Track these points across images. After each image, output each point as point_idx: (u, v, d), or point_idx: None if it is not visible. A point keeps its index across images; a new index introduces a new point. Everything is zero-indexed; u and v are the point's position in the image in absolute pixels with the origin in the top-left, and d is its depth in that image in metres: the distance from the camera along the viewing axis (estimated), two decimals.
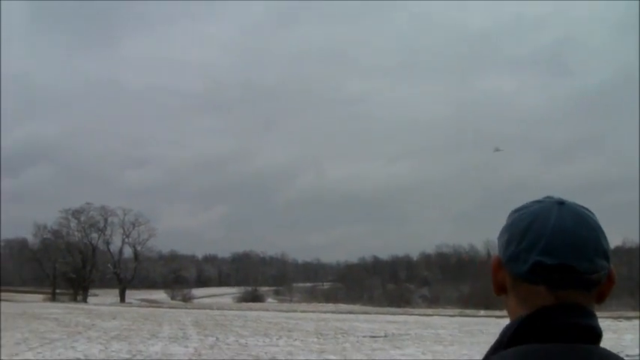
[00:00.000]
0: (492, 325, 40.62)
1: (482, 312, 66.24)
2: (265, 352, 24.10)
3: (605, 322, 43.34)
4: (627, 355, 24.09)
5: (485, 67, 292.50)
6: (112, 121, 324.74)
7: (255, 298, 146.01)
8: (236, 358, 22.39)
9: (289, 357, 22.73)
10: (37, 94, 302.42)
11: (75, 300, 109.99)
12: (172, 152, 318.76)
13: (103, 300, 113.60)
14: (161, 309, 73.63)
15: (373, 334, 33.82)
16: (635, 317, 51.67)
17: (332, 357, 22.81)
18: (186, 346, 26.20)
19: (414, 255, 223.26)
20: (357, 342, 29.41)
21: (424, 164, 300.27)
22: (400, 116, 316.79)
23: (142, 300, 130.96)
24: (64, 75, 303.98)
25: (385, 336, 33.02)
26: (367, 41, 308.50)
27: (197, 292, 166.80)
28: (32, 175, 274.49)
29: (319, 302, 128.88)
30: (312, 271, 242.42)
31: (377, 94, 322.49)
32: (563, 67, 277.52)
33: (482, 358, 1.69)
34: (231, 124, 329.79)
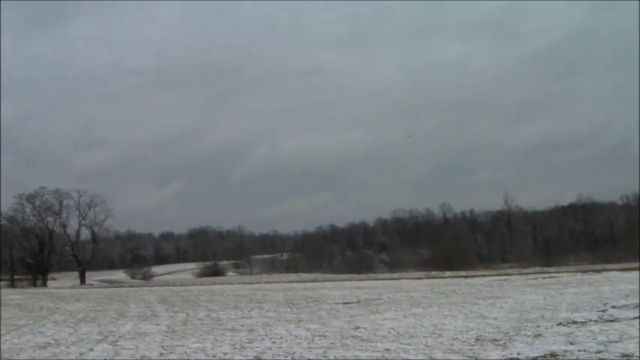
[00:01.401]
0: (463, 285, 40.42)
1: (447, 273, 66.08)
2: (241, 325, 23.42)
3: (575, 276, 43.29)
4: (614, 307, 23.78)
5: (435, 34, 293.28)
6: (64, 104, 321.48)
7: (215, 272, 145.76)
8: (213, 332, 21.66)
9: (267, 328, 22.04)
10: None
11: (34, 285, 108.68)
12: (125, 132, 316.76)
13: (62, 283, 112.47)
14: (123, 288, 72.78)
15: (345, 301, 33.34)
16: (595, 270, 51.82)
17: (312, 325, 22.16)
18: (157, 324, 25.45)
19: (371, 221, 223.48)
20: (332, 309, 28.84)
21: (379, 131, 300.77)
22: (353, 86, 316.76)
23: (103, 281, 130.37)
24: (13, 57, 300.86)
25: (358, 302, 32.53)
26: (316, 13, 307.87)
27: (156, 269, 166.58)
28: None
29: (280, 273, 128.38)
30: (270, 242, 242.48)
31: (329, 65, 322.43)
32: (514, 31, 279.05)
33: None
34: (183, 101, 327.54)
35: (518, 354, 14.29)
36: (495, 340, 16.54)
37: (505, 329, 18.54)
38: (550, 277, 46.32)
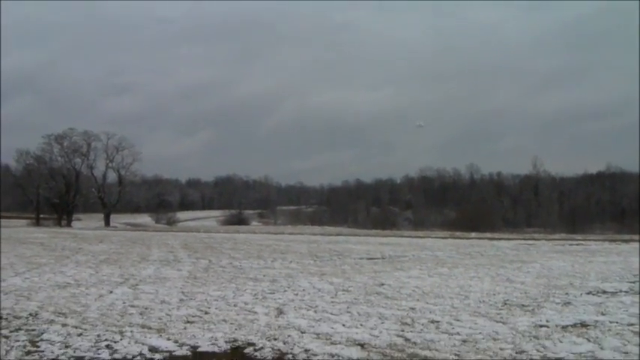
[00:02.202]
0: (489, 248, 39.92)
1: (473, 234, 65.49)
2: (263, 275, 23.11)
3: (603, 245, 42.68)
4: None
5: None
6: (93, 50, 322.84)
7: (240, 220, 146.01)
8: (235, 280, 21.36)
9: (289, 279, 21.70)
10: (15, 25, 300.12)
11: (59, 225, 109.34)
12: (153, 80, 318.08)
13: (87, 224, 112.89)
14: (147, 232, 72.78)
15: (370, 256, 32.97)
16: (622, 240, 51.08)
17: (335, 279, 21.79)
18: (179, 269, 25.24)
19: (397, 178, 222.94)
20: (356, 264, 28.47)
21: (406, 92, 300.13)
22: (382, 45, 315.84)
23: (127, 224, 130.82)
24: (42, 4, 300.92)
25: (383, 258, 32.15)
26: None
27: (181, 215, 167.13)
28: (14, 105, 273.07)
29: (304, 225, 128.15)
30: (296, 194, 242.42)
31: (359, 23, 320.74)
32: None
33: None
34: (213, 53, 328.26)
35: (547, 321, 13.82)
36: (523, 305, 16.07)
37: (533, 295, 18.06)
38: (577, 245, 45.65)
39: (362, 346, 11.35)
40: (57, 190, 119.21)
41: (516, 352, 10.93)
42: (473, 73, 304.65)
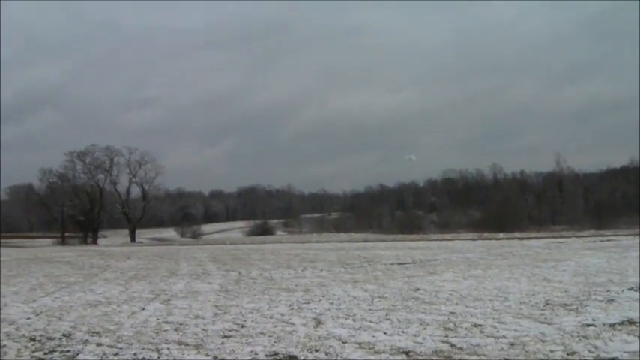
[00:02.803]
0: (519, 247, 39.56)
1: (501, 234, 65.04)
2: (295, 285, 22.81)
3: (635, 240, 42.19)
4: None
5: None
6: (113, 64, 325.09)
7: (265, 231, 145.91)
8: (268, 291, 21.06)
9: (323, 288, 21.39)
10: (36, 40, 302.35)
11: (85, 242, 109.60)
12: (175, 92, 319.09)
13: (113, 241, 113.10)
14: (173, 246, 72.82)
15: (400, 261, 32.64)
16: None
17: (369, 286, 21.46)
18: (210, 282, 24.97)
19: (420, 181, 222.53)
20: (387, 270, 28.13)
21: (427, 92, 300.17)
22: (401, 46, 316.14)
23: (153, 239, 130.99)
24: (62, 19, 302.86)
25: (414, 262, 31.81)
26: None
27: (206, 228, 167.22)
28: (36, 122, 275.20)
29: (329, 232, 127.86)
30: (319, 202, 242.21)
31: (377, 25, 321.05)
32: None
33: None
34: (231, 61, 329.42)
35: (593, 320, 13.47)
36: (566, 304, 15.71)
37: (574, 293, 17.69)
38: (608, 240, 45.22)
39: (407, 353, 11.02)
40: (81, 208, 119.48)
41: (567, 354, 10.58)
42: (493, 71, 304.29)
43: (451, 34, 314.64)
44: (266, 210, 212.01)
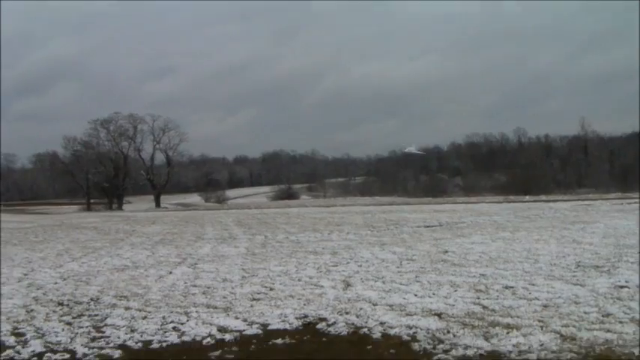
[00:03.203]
0: (546, 210, 39.31)
1: (527, 197, 64.65)
2: (323, 248, 22.69)
3: None
4: None
5: None
6: (135, 35, 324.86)
7: (289, 195, 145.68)
8: (295, 255, 20.94)
9: (350, 251, 21.25)
10: (58, 13, 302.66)
11: (110, 208, 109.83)
12: (196, 61, 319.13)
13: (138, 207, 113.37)
14: (198, 211, 73.00)
15: (427, 224, 32.49)
16: None
17: (397, 248, 21.32)
18: (236, 246, 24.90)
19: (444, 146, 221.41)
20: (414, 232, 27.99)
21: (449, 60, 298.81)
22: (421, 14, 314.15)
23: (177, 204, 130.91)
24: None
25: (440, 225, 31.65)
26: None
27: (230, 193, 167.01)
28: (59, 93, 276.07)
29: (354, 196, 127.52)
30: (343, 166, 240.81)
31: None
32: None
33: None
34: (254, 30, 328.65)
35: (626, 282, 13.26)
36: (597, 266, 15.50)
37: (605, 255, 17.47)
38: (635, 203, 44.81)
39: (439, 315, 10.86)
40: (106, 175, 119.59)
41: (602, 316, 10.39)
42: (517, 36, 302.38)
43: (471, 2, 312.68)
44: (290, 175, 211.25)
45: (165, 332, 10.75)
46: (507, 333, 9.51)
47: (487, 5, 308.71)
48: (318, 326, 10.67)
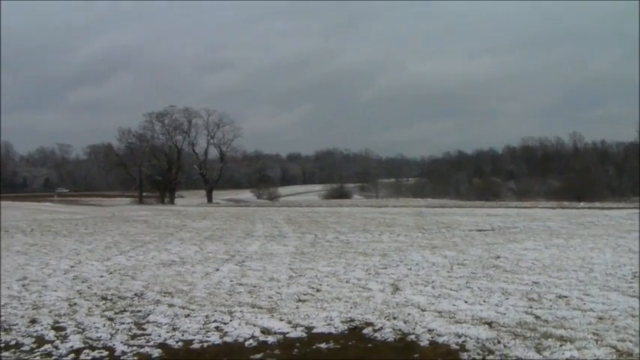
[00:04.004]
0: (601, 217, 38.58)
1: (581, 204, 63.74)
2: (372, 249, 22.40)
3: None
4: None
5: None
6: (192, 28, 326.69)
7: (341, 194, 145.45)
8: (344, 255, 20.67)
9: (400, 253, 20.93)
10: (115, 5, 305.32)
11: (162, 202, 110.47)
12: (253, 55, 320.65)
13: (189, 201, 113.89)
14: (249, 208, 72.86)
15: (479, 228, 32.02)
16: None
17: (448, 252, 20.95)
18: (285, 245, 24.71)
19: (499, 149, 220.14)
20: (466, 236, 27.57)
21: (506, 60, 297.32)
22: (482, 12, 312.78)
23: (229, 200, 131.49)
24: None
25: (493, 229, 31.17)
26: None
27: (282, 190, 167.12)
28: (115, 84, 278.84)
29: (406, 197, 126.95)
30: (396, 166, 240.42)
31: None
32: None
33: None
34: (311, 26, 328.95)
35: None
36: None
37: None
38: None
39: (489, 324, 10.52)
40: (159, 168, 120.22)
41: None
42: (575, 38, 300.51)
43: (528, 1, 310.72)
44: (343, 173, 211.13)
45: (208, 332, 10.53)
46: (560, 345, 9.15)
47: (545, 6, 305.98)
48: (365, 331, 10.39)
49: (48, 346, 9.84)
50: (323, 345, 9.68)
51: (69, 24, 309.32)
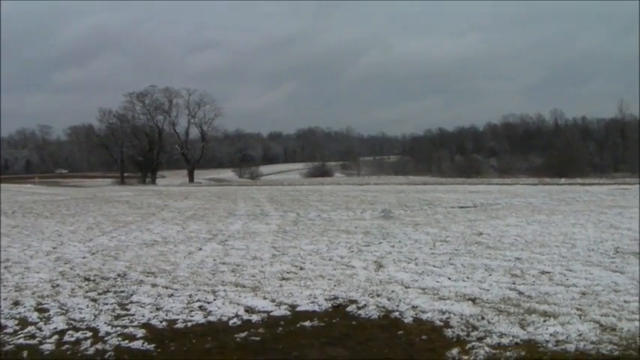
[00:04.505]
0: (582, 193, 38.76)
1: (562, 180, 63.99)
2: (355, 227, 22.41)
3: None
4: None
5: None
6: (176, 8, 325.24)
7: (323, 172, 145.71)
8: (326, 233, 20.67)
9: (383, 231, 20.95)
10: None
11: (143, 182, 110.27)
12: (237, 36, 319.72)
13: (171, 181, 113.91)
14: (231, 187, 72.86)
15: (461, 205, 32.10)
16: None
17: (430, 229, 20.98)
18: (267, 223, 24.69)
19: (480, 126, 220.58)
20: (448, 213, 27.63)
21: (491, 38, 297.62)
22: None
23: (211, 179, 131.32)
24: None
25: (475, 206, 31.25)
26: None
27: (264, 169, 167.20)
28: (98, 65, 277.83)
29: (388, 175, 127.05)
30: (378, 144, 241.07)
31: None
32: None
33: None
34: (299, 5, 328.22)
35: None
36: (637, 253, 15.09)
37: None
38: None
39: (473, 301, 10.54)
40: (140, 148, 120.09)
41: None
42: (558, 16, 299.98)
43: None
44: (324, 152, 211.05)
45: (191, 311, 10.50)
46: (544, 321, 9.16)
47: None
48: (348, 309, 10.38)
49: (31, 328, 9.78)
50: (307, 323, 9.66)
51: (53, 5, 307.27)
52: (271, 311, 10.36)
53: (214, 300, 11.19)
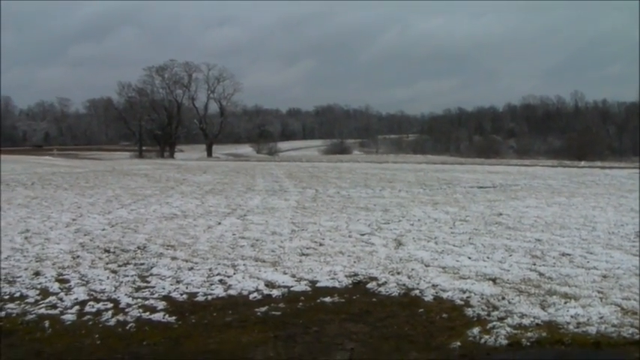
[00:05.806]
0: (602, 176, 38.51)
1: (582, 163, 63.69)
2: (374, 204, 22.37)
3: None
4: None
5: None
6: None
7: (341, 150, 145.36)
8: (345, 210, 20.64)
9: (402, 209, 20.91)
10: None
11: (162, 156, 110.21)
12: (256, 11, 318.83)
13: (189, 155, 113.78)
14: (250, 162, 72.80)
15: (480, 185, 31.97)
16: None
17: (450, 208, 20.92)
18: (286, 199, 24.68)
19: (500, 107, 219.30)
20: (468, 193, 27.55)
21: (511, 19, 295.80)
22: None
23: (229, 154, 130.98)
24: None
25: (494, 186, 31.11)
26: None
27: (282, 145, 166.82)
28: (117, 39, 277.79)
29: (406, 153, 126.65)
30: (397, 123, 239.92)
31: None
32: None
33: None
34: None
35: None
36: None
37: None
38: None
39: (493, 280, 10.52)
40: (159, 122, 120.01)
41: None
42: None
43: None
44: (343, 129, 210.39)
45: (212, 285, 10.53)
46: (565, 303, 9.13)
47: None
48: (369, 285, 10.39)
49: (52, 298, 9.85)
50: (327, 299, 9.68)
51: None
52: (291, 286, 10.37)
53: (234, 274, 11.22)
